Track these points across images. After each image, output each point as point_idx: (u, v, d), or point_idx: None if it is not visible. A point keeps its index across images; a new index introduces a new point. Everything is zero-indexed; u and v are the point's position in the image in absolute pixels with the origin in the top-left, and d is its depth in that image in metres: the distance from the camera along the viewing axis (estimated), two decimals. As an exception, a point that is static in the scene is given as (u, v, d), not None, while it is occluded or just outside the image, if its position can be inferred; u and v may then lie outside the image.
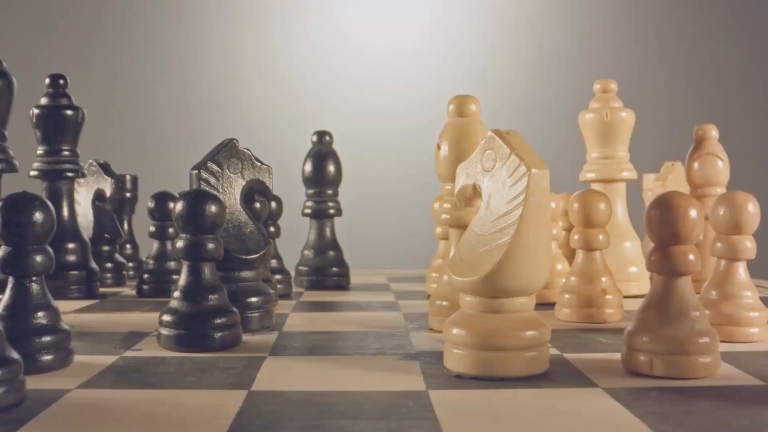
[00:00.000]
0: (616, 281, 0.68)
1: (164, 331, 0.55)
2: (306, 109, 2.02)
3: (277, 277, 0.83)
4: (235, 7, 2.04)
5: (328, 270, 0.91)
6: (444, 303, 0.62)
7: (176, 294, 0.56)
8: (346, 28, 2.05)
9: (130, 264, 1.02)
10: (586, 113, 0.84)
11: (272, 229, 0.83)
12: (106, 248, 0.94)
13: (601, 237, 0.67)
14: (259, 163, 0.64)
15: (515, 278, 0.46)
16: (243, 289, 0.62)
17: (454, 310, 0.60)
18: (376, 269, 1.15)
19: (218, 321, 0.55)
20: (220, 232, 0.58)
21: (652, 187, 0.96)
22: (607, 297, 0.66)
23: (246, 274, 0.62)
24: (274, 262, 0.84)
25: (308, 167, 0.92)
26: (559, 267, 0.78)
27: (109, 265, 0.94)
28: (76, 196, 0.95)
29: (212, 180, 0.62)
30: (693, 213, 0.48)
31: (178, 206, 0.55)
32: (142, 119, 2.02)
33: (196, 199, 0.55)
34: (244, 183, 0.63)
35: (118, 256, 0.96)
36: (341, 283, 0.92)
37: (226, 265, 0.61)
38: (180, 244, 0.55)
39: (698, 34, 2.05)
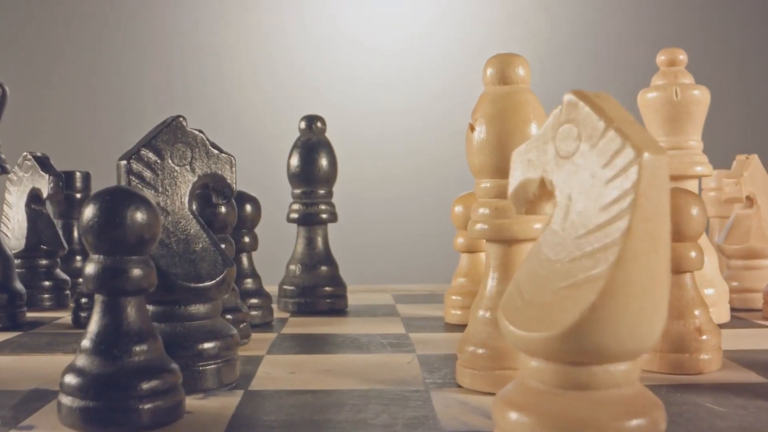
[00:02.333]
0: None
1: (66, 401, 0.37)
2: (300, 101, 1.83)
3: (254, 301, 0.65)
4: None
5: (319, 290, 0.73)
6: (480, 350, 0.43)
7: (84, 344, 0.37)
8: (344, 17, 1.86)
9: (80, 280, 0.84)
10: (647, 92, 0.66)
11: (246, 239, 0.65)
12: (43, 262, 0.76)
13: (693, 254, 0.48)
14: (216, 152, 0.45)
15: (617, 333, 0.28)
16: (192, 331, 0.43)
17: (495, 361, 0.42)
18: (378, 284, 0.96)
19: (147, 386, 0.36)
20: (153, 251, 0.40)
21: (723, 186, 0.78)
22: (703, 338, 0.48)
23: (197, 309, 0.44)
24: (249, 282, 0.66)
25: (295, 161, 0.73)
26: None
27: (46, 283, 0.75)
28: (7, 196, 0.77)
29: (147, 174, 0.43)
30: None
31: (87, 213, 0.37)
32: (103, 104, 1.79)
33: (113, 201, 0.37)
34: (195, 179, 0.44)
35: (59, 272, 0.77)
36: (336, 306, 0.73)
37: (167, 297, 0.42)
38: (89, 269, 0.37)
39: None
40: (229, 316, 0.55)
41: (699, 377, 0.47)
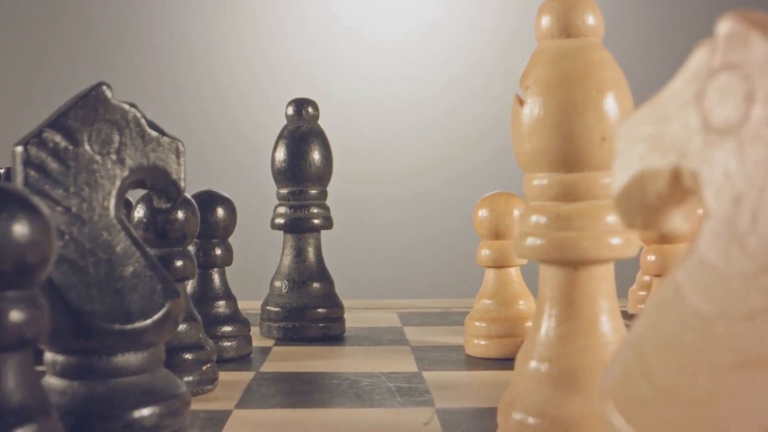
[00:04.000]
0: None
1: None
2: (296, 95, 1.69)
3: (227, 329, 0.52)
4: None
5: (310, 312, 0.60)
6: (532, 420, 0.30)
7: (-64, 427, 0.24)
8: (342, 5, 1.73)
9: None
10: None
11: (217, 251, 0.52)
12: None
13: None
14: (155, 134, 0.32)
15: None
16: (120, 392, 0.30)
17: (557, 436, 0.29)
18: (380, 299, 0.83)
19: (29, 493, 0.23)
20: (59, 279, 0.27)
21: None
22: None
23: (126, 360, 0.30)
24: (221, 306, 0.52)
25: (281, 154, 0.60)
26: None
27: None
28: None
29: (53, 166, 0.30)
30: None
31: (-63, 225, 0.24)
32: (72, 91, 1.64)
33: (-25, 207, 0.24)
34: (125, 174, 0.31)
35: None
36: (331, 331, 0.60)
37: (82, 344, 0.29)
38: (-57, 312, 0.24)
39: None
40: (188, 356, 0.42)
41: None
